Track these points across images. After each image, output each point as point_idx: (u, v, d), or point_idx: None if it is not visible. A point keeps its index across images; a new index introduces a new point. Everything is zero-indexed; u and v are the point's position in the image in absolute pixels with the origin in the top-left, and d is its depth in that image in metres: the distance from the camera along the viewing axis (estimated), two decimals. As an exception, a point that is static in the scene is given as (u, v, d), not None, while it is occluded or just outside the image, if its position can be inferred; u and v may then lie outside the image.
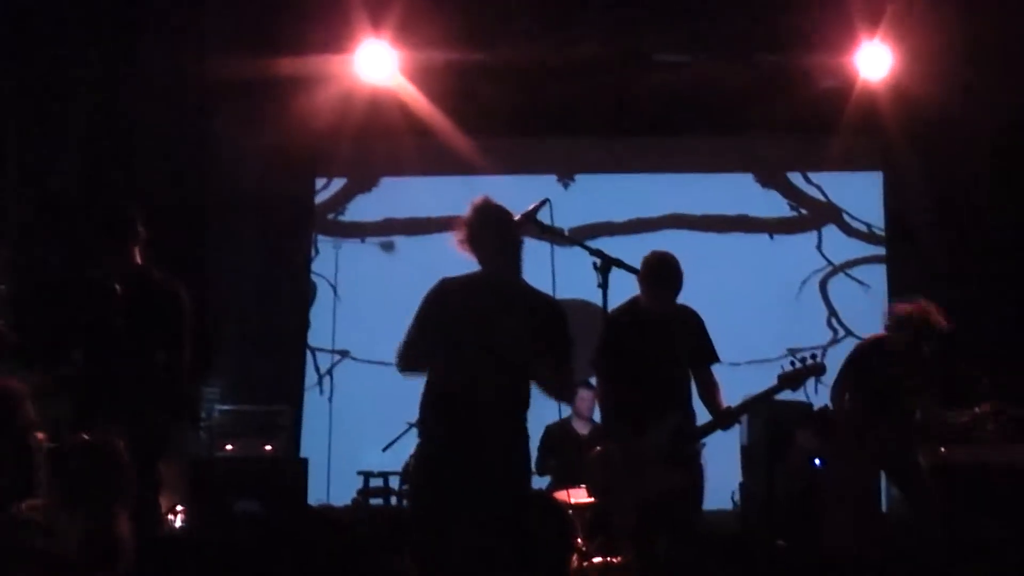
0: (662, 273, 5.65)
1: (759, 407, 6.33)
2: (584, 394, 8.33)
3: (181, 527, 7.31)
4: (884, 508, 7.62)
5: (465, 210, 4.72)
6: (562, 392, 4.91)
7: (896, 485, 7.13)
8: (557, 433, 8.28)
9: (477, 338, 4.56)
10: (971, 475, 7.22)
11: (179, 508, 7.34)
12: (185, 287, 5.54)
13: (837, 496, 6.58)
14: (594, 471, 6.01)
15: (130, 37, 8.56)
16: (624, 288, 5.39)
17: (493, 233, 4.68)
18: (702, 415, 5.80)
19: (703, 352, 5.81)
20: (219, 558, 6.07)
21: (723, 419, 5.71)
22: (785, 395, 5.88)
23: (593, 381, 8.16)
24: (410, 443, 7.40)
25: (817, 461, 7.51)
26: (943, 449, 7.41)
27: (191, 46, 8.61)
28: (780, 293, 9.82)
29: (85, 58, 8.45)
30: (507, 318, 4.57)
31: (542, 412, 7.92)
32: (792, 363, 5.73)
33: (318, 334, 9.99)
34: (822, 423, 7.17)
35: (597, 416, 8.21)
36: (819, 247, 10.09)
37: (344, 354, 9.92)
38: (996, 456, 7.30)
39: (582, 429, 8.36)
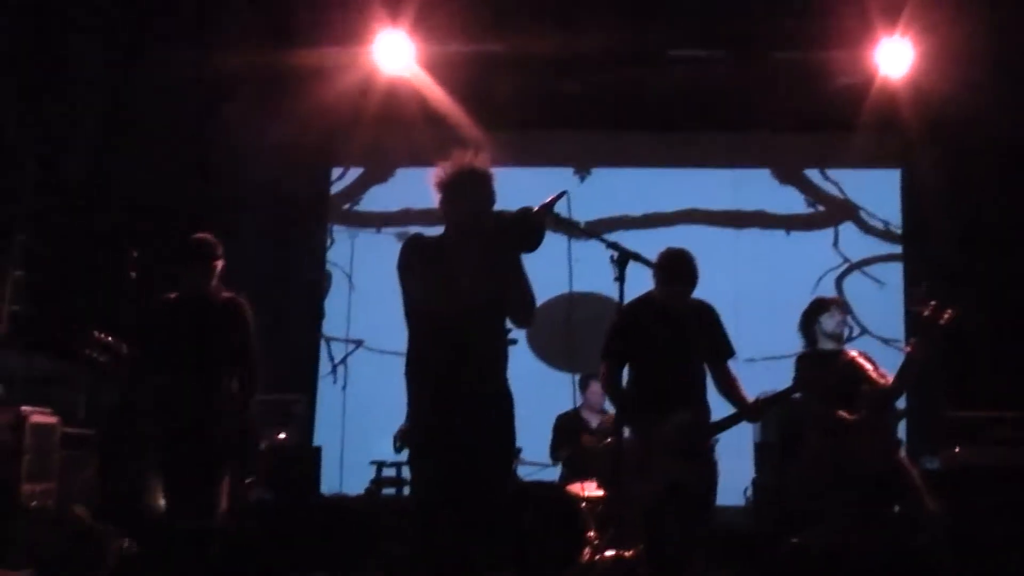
0: (677, 269, 5.64)
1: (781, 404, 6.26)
2: (595, 385, 8.33)
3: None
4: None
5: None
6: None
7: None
8: (568, 423, 8.30)
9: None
10: (986, 477, 7.20)
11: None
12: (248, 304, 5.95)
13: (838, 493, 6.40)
14: (604, 462, 5.99)
15: (146, 27, 8.57)
16: (641, 282, 5.38)
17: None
18: (718, 410, 5.78)
19: (719, 347, 5.79)
20: (232, 547, 6.07)
21: (750, 411, 5.69)
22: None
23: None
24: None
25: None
26: (957, 450, 7.40)
27: (208, 36, 8.61)
28: (796, 290, 9.73)
29: (100, 49, 8.46)
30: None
31: (554, 402, 8.00)
32: None
33: (333, 324, 10.01)
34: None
35: (608, 406, 8.21)
36: (836, 244, 10.06)
37: (359, 344, 9.91)
38: (1012, 459, 7.27)
39: (593, 420, 8.37)
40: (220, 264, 5.93)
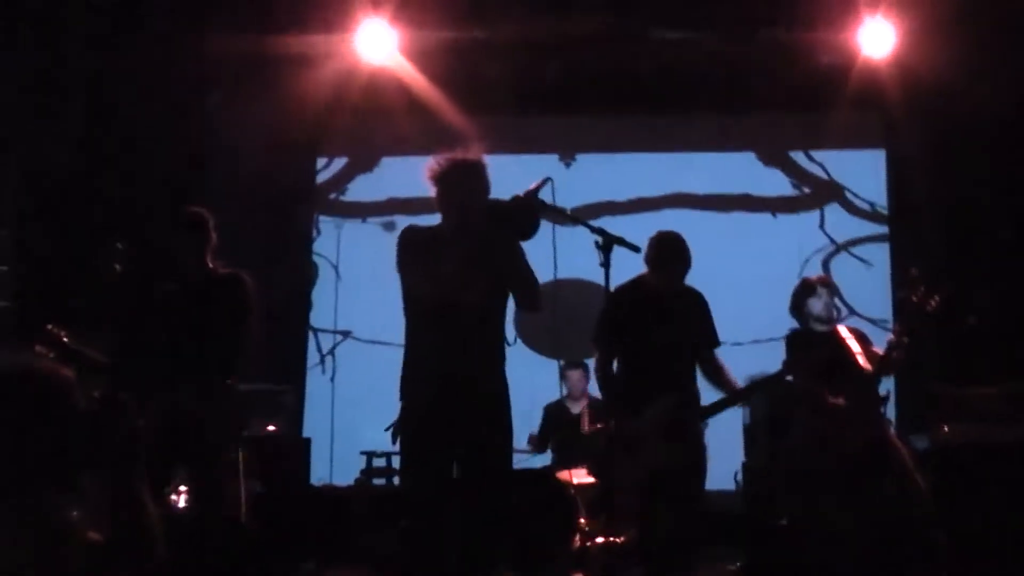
0: (670, 252, 5.65)
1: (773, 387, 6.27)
2: (573, 374, 8.33)
3: (184, 507, 7.30)
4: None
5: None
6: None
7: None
8: (554, 413, 8.33)
9: None
10: (974, 454, 7.21)
11: (182, 488, 7.33)
12: (251, 278, 5.74)
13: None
14: (593, 448, 5.99)
15: (129, 16, 8.51)
16: (626, 267, 5.36)
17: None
18: (706, 395, 5.79)
19: (705, 335, 5.81)
20: (221, 538, 6.06)
21: (739, 397, 5.72)
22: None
23: (588, 361, 8.16)
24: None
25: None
26: (945, 428, 7.41)
27: (191, 24, 8.55)
28: (783, 272, 9.72)
29: (83, 38, 8.40)
30: None
31: (540, 392, 8.00)
32: None
33: (320, 314, 9.98)
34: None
35: (591, 391, 8.22)
36: (822, 226, 10.04)
37: (346, 334, 9.91)
38: (999, 435, 7.28)
39: (575, 409, 8.37)
40: (214, 238, 5.71)
